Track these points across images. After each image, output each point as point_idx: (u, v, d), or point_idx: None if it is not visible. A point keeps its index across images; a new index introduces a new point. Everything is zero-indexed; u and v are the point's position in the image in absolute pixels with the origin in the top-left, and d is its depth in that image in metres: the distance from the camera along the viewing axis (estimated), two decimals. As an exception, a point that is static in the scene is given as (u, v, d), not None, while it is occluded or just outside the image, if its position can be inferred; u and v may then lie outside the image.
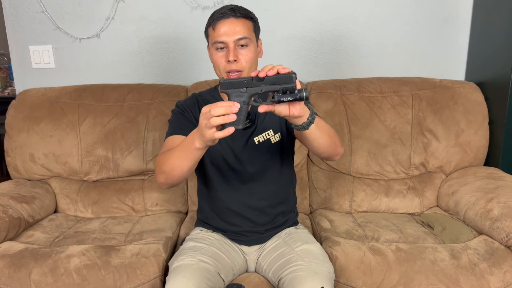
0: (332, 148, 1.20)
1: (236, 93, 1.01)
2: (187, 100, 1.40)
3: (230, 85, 1.01)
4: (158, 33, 2.02)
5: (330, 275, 1.23)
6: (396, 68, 2.06)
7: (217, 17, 1.24)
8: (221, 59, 1.24)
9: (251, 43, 1.25)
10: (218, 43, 1.23)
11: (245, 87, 1.00)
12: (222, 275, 1.25)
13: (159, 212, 1.81)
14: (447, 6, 2.01)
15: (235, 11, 1.23)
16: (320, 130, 1.12)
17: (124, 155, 1.84)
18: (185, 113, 1.34)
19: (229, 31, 1.22)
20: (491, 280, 1.33)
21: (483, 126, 1.86)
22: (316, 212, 1.80)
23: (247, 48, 1.24)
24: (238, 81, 1.01)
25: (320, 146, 1.16)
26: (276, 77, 0.97)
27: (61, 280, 1.33)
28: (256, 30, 1.29)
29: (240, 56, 1.23)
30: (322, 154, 1.21)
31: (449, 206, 1.73)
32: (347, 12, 2.01)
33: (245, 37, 1.23)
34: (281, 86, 0.97)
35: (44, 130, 1.84)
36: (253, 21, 1.27)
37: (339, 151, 1.24)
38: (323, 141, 1.14)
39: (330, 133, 1.18)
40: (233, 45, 1.22)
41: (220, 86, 1.03)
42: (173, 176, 1.17)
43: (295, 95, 0.96)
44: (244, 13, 1.25)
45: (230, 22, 1.22)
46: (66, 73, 2.05)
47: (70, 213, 1.83)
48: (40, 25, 1.99)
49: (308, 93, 0.99)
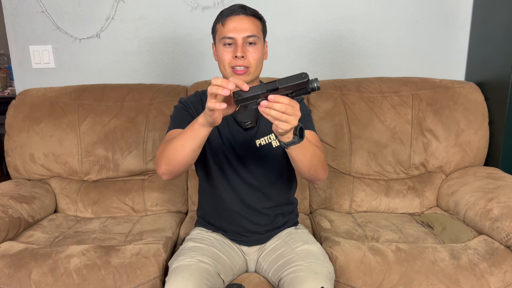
0: (312, 174, 1.22)
1: (253, 104, 1.00)
2: (191, 97, 1.39)
3: (245, 101, 1.00)
4: (158, 33, 2.02)
5: (330, 275, 1.23)
6: (396, 68, 2.06)
7: (227, 13, 1.24)
8: (227, 54, 1.24)
9: (259, 42, 1.25)
10: (227, 39, 1.23)
11: (260, 98, 0.99)
12: (221, 276, 1.25)
13: (159, 212, 1.81)
14: (447, 6, 2.01)
15: (245, 9, 1.24)
16: (303, 156, 1.13)
17: (124, 155, 1.84)
18: (188, 109, 1.34)
19: (238, 27, 1.22)
20: (491, 280, 1.33)
21: (483, 126, 1.86)
22: (316, 212, 1.80)
23: (255, 46, 1.24)
24: (253, 96, 0.99)
25: (298, 168, 1.18)
26: (292, 84, 0.97)
27: (61, 280, 1.33)
28: (264, 31, 1.30)
29: (248, 53, 1.23)
30: (302, 175, 1.23)
31: (449, 206, 1.73)
32: (347, 12, 2.01)
33: (254, 35, 1.23)
34: (295, 90, 0.98)
35: (44, 130, 1.84)
36: (262, 22, 1.29)
37: (320, 177, 1.25)
38: (302, 165, 1.16)
39: (314, 161, 1.18)
40: (241, 42, 1.22)
41: (235, 102, 1.02)
42: (175, 160, 1.15)
43: (307, 92, 0.98)
44: (254, 12, 1.26)
45: (240, 18, 1.23)
46: (66, 73, 2.05)
47: (70, 213, 1.83)
48: (40, 25, 1.99)
49: (319, 83, 0.98)
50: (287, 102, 0.95)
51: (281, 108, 0.95)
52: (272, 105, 0.95)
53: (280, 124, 0.97)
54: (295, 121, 0.98)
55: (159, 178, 1.84)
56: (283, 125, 0.97)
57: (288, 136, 1.03)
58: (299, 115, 0.98)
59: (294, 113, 0.97)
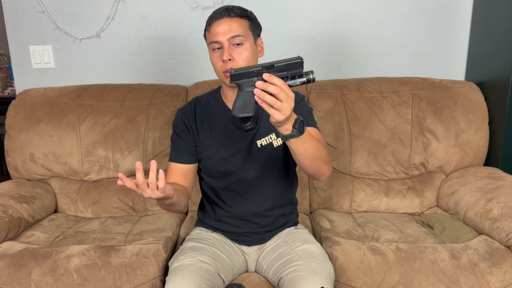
0: (314, 169, 1.18)
1: (248, 83, 1.03)
2: (185, 109, 1.40)
3: (241, 76, 1.04)
4: (158, 33, 2.02)
5: (330, 275, 1.23)
6: (396, 68, 2.06)
7: (212, 18, 1.25)
8: (218, 59, 1.25)
9: (246, 41, 1.24)
10: (214, 43, 1.24)
11: (256, 76, 1.02)
12: (222, 275, 1.25)
13: (159, 212, 1.81)
14: (447, 6, 2.01)
15: (229, 10, 1.24)
16: (303, 149, 1.10)
17: (124, 155, 1.84)
18: (181, 135, 1.36)
19: (222, 31, 1.22)
20: (491, 280, 1.33)
21: (483, 126, 1.86)
22: (316, 212, 1.80)
23: (242, 47, 1.23)
24: (248, 71, 1.03)
25: (300, 162, 1.16)
26: (286, 64, 1.01)
27: (61, 280, 1.33)
28: (253, 29, 1.27)
29: (234, 55, 1.22)
30: (304, 170, 1.20)
31: (449, 206, 1.73)
32: (347, 12, 2.01)
33: (239, 35, 1.22)
34: (290, 72, 1.01)
35: (44, 130, 1.84)
36: (249, 19, 1.27)
37: (324, 172, 1.21)
38: (304, 159, 1.13)
39: (316, 155, 1.14)
40: (227, 44, 1.22)
41: (231, 78, 1.05)
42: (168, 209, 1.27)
43: (303, 79, 1.02)
44: (238, 12, 1.25)
45: (224, 21, 1.23)
46: (66, 73, 2.05)
47: (70, 213, 1.83)
48: (40, 25, 1.99)
49: (315, 75, 1.03)
50: (281, 84, 0.96)
51: (275, 91, 0.95)
52: (267, 86, 0.95)
53: (273, 113, 0.97)
54: (288, 111, 0.97)
55: (159, 178, 1.84)
56: (276, 114, 0.97)
57: (286, 129, 1.01)
58: (292, 105, 0.97)
59: (287, 100, 0.96)
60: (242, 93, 1.05)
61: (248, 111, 1.05)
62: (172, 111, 1.84)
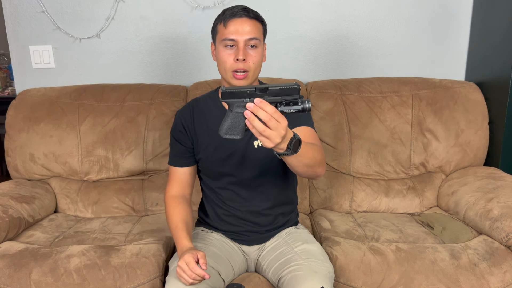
0: (309, 175, 1.16)
1: (238, 104, 0.97)
2: (184, 110, 1.40)
3: (232, 95, 0.97)
4: (158, 33, 2.02)
5: (330, 275, 1.23)
6: (396, 68, 2.06)
7: (230, 14, 1.23)
8: (229, 57, 1.24)
9: (260, 45, 1.25)
10: (228, 41, 1.23)
11: (248, 97, 0.96)
12: (222, 275, 1.25)
13: (159, 212, 1.81)
14: (447, 6, 2.01)
15: (248, 11, 1.24)
16: (297, 161, 1.06)
17: (124, 155, 1.84)
18: (179, 137, 1.36)
19: (241, 30, 1.22)
20: (491, 280, 1.33)
21: (483, 126, 1.86)
22: (316, 212, 1.80)
23: (256, 50, 1.24)
24: (240, 91, 0.96)
25: (294, 170, 1.13)
26: (281, 88, 0.95)
27: (61, 280, 1.33)
28: (265, 34, 1.29)
29: (248, 57, 1.23)
30: (298, 175, 1.19)
31: (449, 206, 1.73)
32: (347, 12, 2.01)
33: (256, 38, 1.23)
34: (284, 98, 0.95)
35: (44, 130, 1.84)
36: (263, 24, 1.28)
37: (318, 174, 1.19)
38: (298, 169, 1.11)
39: (311, 163, 1.11)
40: (243, 45, 1.22)
41: (222, 96, 0.99)
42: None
43: (298, 107, 0.95)
44: (256, 14, 1.26)
45: (243, 21, 1.22)
46: (66, 73, 2.05)
47: (70, 213, 1.83)
48: (40, 25, 1.99)
49: (311, 104, 0.96)
50: (272, 112, 0.91)
51: (265, 118, 0.90)
52: (258, 111, 0.91)
53: (263, 140, 0.93)
54: (278, 139, 0.92)
55: (159, 178, 1.85)
56: (265, 141, 0.93)
57: (281, 148, 0.97)
58: (282, 133, 0.92)
59: (278, 128, 0.91)
60: (231, 113, 0.98)
61: (236, 133, 0.98)
62: (172, 111, 1.84)
